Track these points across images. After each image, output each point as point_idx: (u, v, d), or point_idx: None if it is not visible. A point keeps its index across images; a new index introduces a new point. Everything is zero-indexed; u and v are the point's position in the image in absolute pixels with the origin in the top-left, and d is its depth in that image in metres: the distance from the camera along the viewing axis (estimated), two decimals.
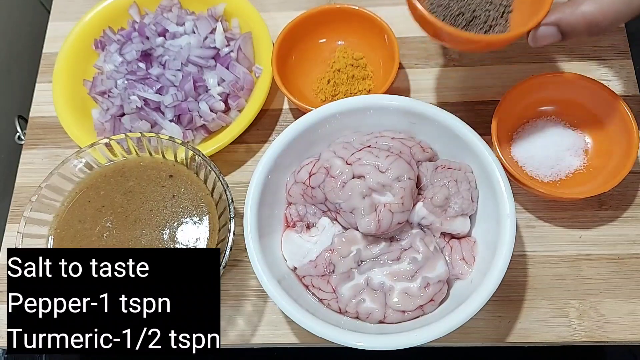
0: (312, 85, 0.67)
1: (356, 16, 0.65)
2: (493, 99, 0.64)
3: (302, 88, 0.66)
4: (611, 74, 0.65)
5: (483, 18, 0.54)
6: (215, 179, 0.53)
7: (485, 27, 0.54)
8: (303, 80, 0.67)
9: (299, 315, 0.48)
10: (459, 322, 0.46)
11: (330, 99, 0.65)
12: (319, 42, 0.68)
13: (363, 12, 0.65)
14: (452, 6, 0.53)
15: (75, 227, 0.54)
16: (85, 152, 0.55)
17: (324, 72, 0.67)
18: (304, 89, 0.67)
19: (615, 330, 0.55)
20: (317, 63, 0.68)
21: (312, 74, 0.67)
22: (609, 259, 0.57)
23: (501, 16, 0.54)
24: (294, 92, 0.63)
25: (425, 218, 0.52)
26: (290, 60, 0.67)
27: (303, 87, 0.67)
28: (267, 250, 0.51)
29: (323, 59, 0.68)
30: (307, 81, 0.67)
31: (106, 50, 0.67)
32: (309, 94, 0.67)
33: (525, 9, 0.54)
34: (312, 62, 0.68)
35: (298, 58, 0.67)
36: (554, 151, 0.59)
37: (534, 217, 0.59)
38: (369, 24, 0.65)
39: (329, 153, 0.53)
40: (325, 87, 0.66)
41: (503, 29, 0.54)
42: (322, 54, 0.68)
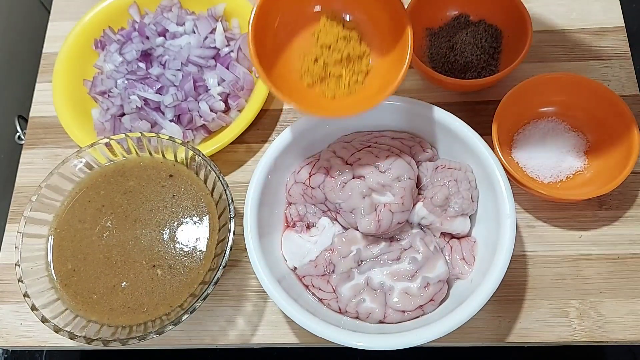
0: (296, 64, 0.52)
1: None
2: (493, 99, 0.64)
3: (287, 70, 0.52)
4: (611, 74, 0.65)
5: (475, 62, 0.63)
6: (215, 179, 0.53)
7: (478, 69, 0.63)
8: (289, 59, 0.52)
9: (299, 315, 0.48)
10: (459, 322, 0.46)
11: (319, 83, 0.52)
12: (313, 12, 0.53)
13: None
14: (448, 54, 0.64)
15: (75, 226, 0.54)
16: (85, 152, 0.55)
17: (309, 46, 0.52)
18: (288, 71, 0.52)
19: (615, 330, 0.55)
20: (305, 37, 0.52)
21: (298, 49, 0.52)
22: (609, 259, 0.57)
23: (491, 57, 0.64)
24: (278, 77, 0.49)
25: (425, 218, 0.52)
26: (272, 34, 0.51)
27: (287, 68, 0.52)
28: (267, 250, 0.51)
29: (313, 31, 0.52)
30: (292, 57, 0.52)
31: (106, 50, 0.67)
32: (294, 76, 0.52)
33: (512, 48, 0.63)
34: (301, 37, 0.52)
35: (285, 32, 0.52)
36: (555, 152, 0.59)
37: (533, 217, 0.59)
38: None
39: (329, 153, 0.53)
40: (312, 67, 0.52)
41: (494, 70, 0.64)
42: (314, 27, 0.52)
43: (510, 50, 0.64)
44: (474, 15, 0.67)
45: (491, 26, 0.65)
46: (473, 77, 0.63)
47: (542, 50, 0.67)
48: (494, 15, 0.65)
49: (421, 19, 0.65)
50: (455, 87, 0.64)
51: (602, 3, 0.69)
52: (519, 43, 0.62)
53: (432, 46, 0.66)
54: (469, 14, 0.67)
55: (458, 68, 0.64)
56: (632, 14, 0.72)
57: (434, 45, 0.66)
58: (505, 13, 0.64)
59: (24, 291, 0.50)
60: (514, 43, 0.63)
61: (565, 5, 0.69)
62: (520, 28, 0.62)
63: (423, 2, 0.64)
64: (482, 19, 0.66)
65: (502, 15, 0.65)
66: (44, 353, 0.71)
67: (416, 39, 0.62)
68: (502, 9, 0.64)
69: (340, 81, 0.52)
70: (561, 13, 0.69)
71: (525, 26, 0.61)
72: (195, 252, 0.53)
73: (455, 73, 0.64)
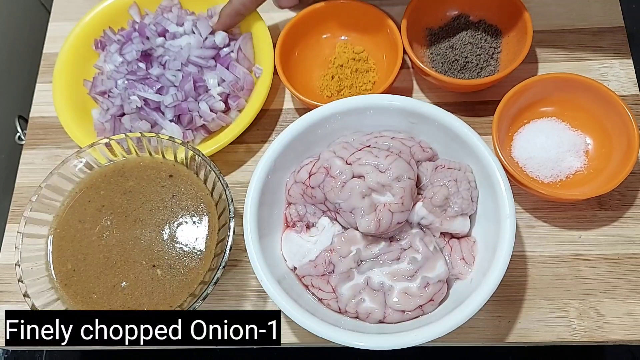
0: (317, 82, 0.67)
1: (358, 10, 0.66)
2: (493, 99, 0.64)
3: (306, 85, 0.66)
4: (611, 74, 0.65)
5: (475, 62, 0.63)
6: (215, 179, 0.53)
7: (477, 69, 0.63)
8: (307, 77, 0.67)
9: (299, 315, 0.48)
10: (458, 322, 0.46)
11: (336, 94, 0.66)
12: (322, 38, 0.68)
13: (366, 5, 0.65)
14: (448, 54, 0.64)
15: (75, 226, 0.54)
16: (85, 152, 0.55)
17: (327, 68, 0.67)
18: (309, 86, 0.67)
19: (615, 330, 0.55)
20: (320, 59, 0.68)
21: (316, 70, 0.68)
22: (608, 259, 0.57)
23: (491, 57, 0.63)
24: (299, 89, 0.63)
25: (425, 218, 0.52)
26: (294, 56, 0.67)
27: (307, 84, 0.67)
28: (267, 250, 0.51)
29: (326, 55, 0.68)
30: (312, 78, 0.67)
31: (106, 51, 0.68)
32: (314, 90, 0.67)
33: (512, 48, 0.63)
34: (315, 59, 0.68)
35: (301, 54, 0.67)
36: (555, 152, 0.59)
37: (533, 217, 0.59)
38: (371, 18, 0.65)
39: (329, 153, 0.53)
40: (330, 83, 0.66)
41: (494, 70, 0.64)
42: (324, 50, 0.68)
43: (510, 50, 0.64)
44: (474, 15, 0.67)
45: (491, 26, 0.66)
46: (473, 77, 0.63)
47: (542, 50, 0.67)
48: (494, 15, 0.66)
49: (421, 19, 0.66)
50: (455, 87, 0.64)
51: (602, 3, 0.69)
52: (519, 43, 0.62)
53: (432, 46, 0.66)
54: (469, 14, 0.67)
55: (458, 68, 0.64)
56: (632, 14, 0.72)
57: (434, 45, 0.66)
58: (505, 13, 0.64)
59: (24, 291, 0.50)
60: (514, 43, 0.63)
61: (565, 5, 0.69)
62: (520, 28, 0.62)
63: (423, 2, 0.64)
64: (482, 19, 0.66)
65: (502, 15, 0.65)
66: (44, 353, 0.71)
67: (416, 39, 0.64)
68: (502, 9, 0.64)
69: (353, 89, 0.65)
70: (561, 13, 0.69)
71: (525, 26, 0.61)
72: (195, 252, 0.53)
73: (455, 73, 0.64)
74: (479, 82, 0.61)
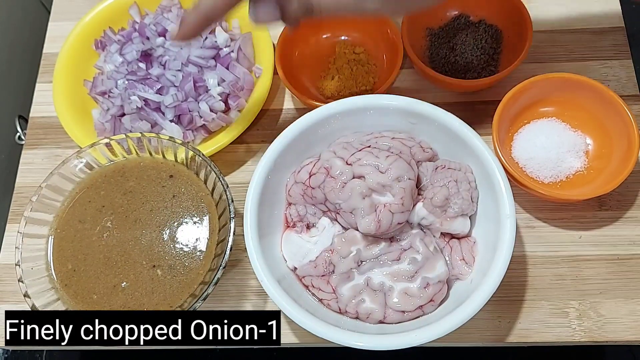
0: (317, 82, 0.67)
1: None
2: (493, 99, 0.64)
3: (306, 85, 0.67)
4: (611, 74, 0.65)
5: (475, 62, 0.64)
6: (215, 179, 0.53)
7: (477, 69, 0.64)
8: (307, 77, 0.67)
9: (299, 315, 0.48)
10: (458, 322, 0.46)
11: (336, 94, 0.65)
12: (322, 38, 0.69)
13: None
14: (448, 54, 0.64)
15: (75, 227, 0.54)
16: (85, 152, 0.55)
17: (327, 68, 0.67)
18: (309, 86, 0.67)
19: (615, 330, 0.55)
20: (320, 59, 0.68)
21: (316, 70, 0.68)
22: (608, 259, 0.57)
23: (491, 57, 0.63)
24: (299, 89, 0.63)
25: (425, 218, 0.52)
26: (294, 56, 0.67)
27: (307, 84, 0.67)
28: (267, 251, 0.51)
29: (326, 55, 0.68)
30: (312, 78, 0.67)
31: (106, 51, 0.67)
32: (314, 90, 0.67)
33: (512, 48, 0.63)
34: (315, 59, 0.68)
35: (301, 54, 0.67)
36: (555, 152, 0.59)
37: (533, 218, 0.59)
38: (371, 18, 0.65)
39: (329, 153, 0.53)
40: (330, 83, 0.66)
41: (494, 70, 0.64)
42: (324, 50, 0.68)
43: (510, 51, 0.64)
44: (474, 16, 0.67)
45: (491, 26, 0.66)
46: (473, 78, 0.63)
47: (542, 50, 0.67)
48: (494, 15, 0.66)
49: (421, 19, 0.66)
50: (455, 87, 0.64)
51: (602, 3, 0.69)
52: (519, 43, 0.62)
53: (432, 46, 0.66)
54: (469, 14, 0.67)
55: (458, 68, 0.64)
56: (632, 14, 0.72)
57: (434, 46, 0.66)
58: (505, 13, 0.64)
59: (24, 291, 0.50)
60: (514, 43, 0.63)
61: (565, 5, 0.69)
62: (520, 28, 0.62)
63: None
64: (482, 19, 0.66)
65: (502, 15, 0.65)
66: (44, 353, 0.71)
67: (416, 39, 0.65)
68: (502, 9, 0.64)
69: (353, 89, 0.65)
70: (561, 13, 0.69)
71: (525, 26, 0.61)
72: (196, 252, 0.53)
73: (455, 73, 0.64)
74: (479, 82, 0.61)
